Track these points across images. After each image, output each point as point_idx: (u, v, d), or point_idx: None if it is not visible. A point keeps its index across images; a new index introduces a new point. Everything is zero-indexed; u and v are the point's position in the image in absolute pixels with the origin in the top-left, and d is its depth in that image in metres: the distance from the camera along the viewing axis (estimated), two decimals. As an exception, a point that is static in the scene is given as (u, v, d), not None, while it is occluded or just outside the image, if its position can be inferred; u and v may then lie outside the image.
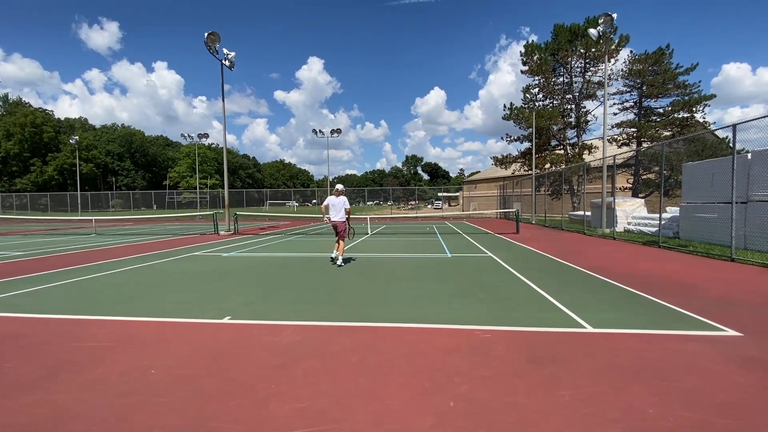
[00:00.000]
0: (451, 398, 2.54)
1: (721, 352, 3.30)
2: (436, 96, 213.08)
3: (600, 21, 15.35)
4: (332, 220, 8.29)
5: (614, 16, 14.81)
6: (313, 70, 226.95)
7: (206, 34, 15.93)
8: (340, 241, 8.29)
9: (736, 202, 8.33)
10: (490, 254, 9.69)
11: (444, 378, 2.84)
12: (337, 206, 8.26)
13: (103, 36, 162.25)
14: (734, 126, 8.16)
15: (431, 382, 2.77)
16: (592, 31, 15.86)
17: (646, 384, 2.71)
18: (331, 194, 8.58)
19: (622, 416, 2.29)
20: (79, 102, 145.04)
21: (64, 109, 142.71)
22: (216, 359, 3.24)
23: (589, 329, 3.90)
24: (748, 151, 9.72)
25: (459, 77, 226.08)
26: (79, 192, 42.86)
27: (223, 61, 17.06)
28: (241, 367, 3.09)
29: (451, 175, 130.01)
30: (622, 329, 3.89)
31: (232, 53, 17.14)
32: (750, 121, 8.03)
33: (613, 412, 2.34)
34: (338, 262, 8.09)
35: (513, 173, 31.83)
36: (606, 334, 3.77)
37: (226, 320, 4.33)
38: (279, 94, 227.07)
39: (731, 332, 3.78)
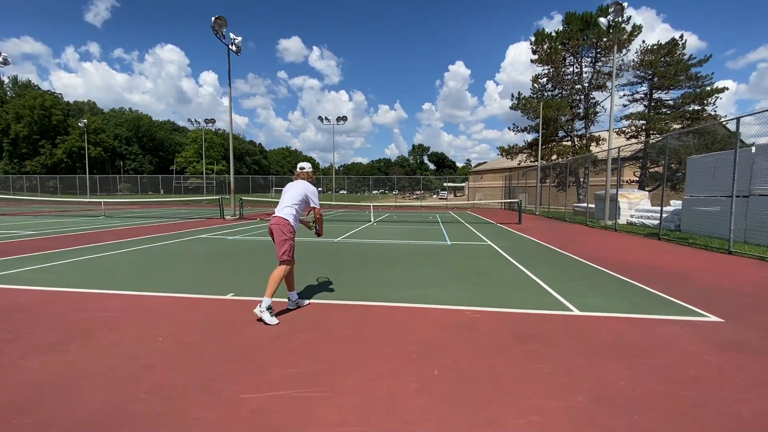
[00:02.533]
0: (436, 367, 2.73)
1: (700, 335, 3.45)
2: (453, 80, 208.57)
3: (610, 10, 15.10)
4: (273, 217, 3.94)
5: (624, 5, 14.57)
6: (324, 55, 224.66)
7: (213, 19, 15.94)
8: (283, 273, 3.82)
9: (738, 196, 8.35)
10: (489, 242, 9.83)
11: (431, 350, 3.03)
12: (289, 194, 4.01)
13: (109, 16, 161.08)
14: (738, 119, 8.14)
15: (418, 354, 2.96)
16: (602, 20, 15.62)
17: (623, 361, 2.87)
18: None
19: (593, 386, 2.46)
20: (86, 84, 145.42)
21: (73, 91, 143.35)
22: (219, 330, 3.46)
23: (576, 312, 4.05)
24: (752, 144, 9.68)
25: (477, 64, 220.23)
26: (87, 175, 43.43)
27: (230, 46, 17.08)
28: (242, 337, 3.29)
29: (458, 165, 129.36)
30: (608, 313, 4.04)
31: (239, 38, 17.13)
32: (753, 114, 7.99)
33: (586, 383, 2.51)
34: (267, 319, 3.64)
35: (519, 164, 31.67)
36: (591, 317, 3.92)
37: (229, 297, 4.54)
38: (288, 79, 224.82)
39: (713, 318, 3.92)
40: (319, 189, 56.70)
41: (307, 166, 4.21)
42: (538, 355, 2.94)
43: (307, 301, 4.33)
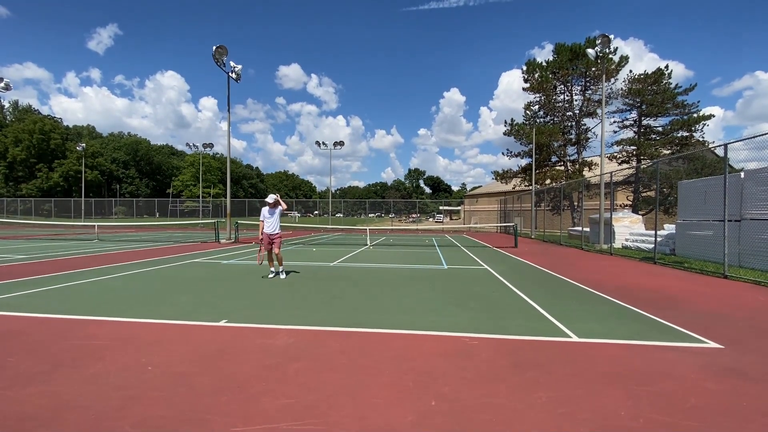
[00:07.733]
0: (433, 398, 2.66)
1: (699, 362, 3.40)
2: (449, 106, 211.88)
3: (598, 41, 15.75)
4: (267, 233, 7.58)
5: (611, 37, 15.21)
6: (322, 82, 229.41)
7: (214, 48, 16.41)
8: (278, 253, 7.60)
9: (730, 220, 8.45)
10: (485, 266, 9.80)
11: (428, 379, 2.96)
12: (271, 219, 7.64)
13: (112, 44, 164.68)
14: (726, 145, 8.34)
15: (415, 383, 2.89)
16: (590, 52, 16.26)
17: (622, 389, 2.82)
18: (265, 206, 7.78)
19: (593, 416, 2.41)
20: (86, 109, 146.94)
21: (72, 116, 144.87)
22: (211, 359, 3.37)
23: (574, 339, 4.00)
24: (741, 169, 9.89)
25: (472, 91, 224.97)
26: (83, 198, 43.27)
27: (230, 74, 17.50)
28: (235, 366, 3.21)
29: (453, 188, 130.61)
30: (606, 339, 4.00)
31: (239, 66, 17.60)
32: (741, 140, 8.23)
33: (586, 413, 2.45)
34: (281, 276, 7.62)
35: (514, 188, 32.04)
36: (590, 343, 3.88)
37: (222, 323, 4.46)
38: (286, 104, 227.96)
39: (712, 344, 3.88)
40: (316, 212, 68.29)
41: (275, 196, 7.83)
42: (537, 384, 2.89)
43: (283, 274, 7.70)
